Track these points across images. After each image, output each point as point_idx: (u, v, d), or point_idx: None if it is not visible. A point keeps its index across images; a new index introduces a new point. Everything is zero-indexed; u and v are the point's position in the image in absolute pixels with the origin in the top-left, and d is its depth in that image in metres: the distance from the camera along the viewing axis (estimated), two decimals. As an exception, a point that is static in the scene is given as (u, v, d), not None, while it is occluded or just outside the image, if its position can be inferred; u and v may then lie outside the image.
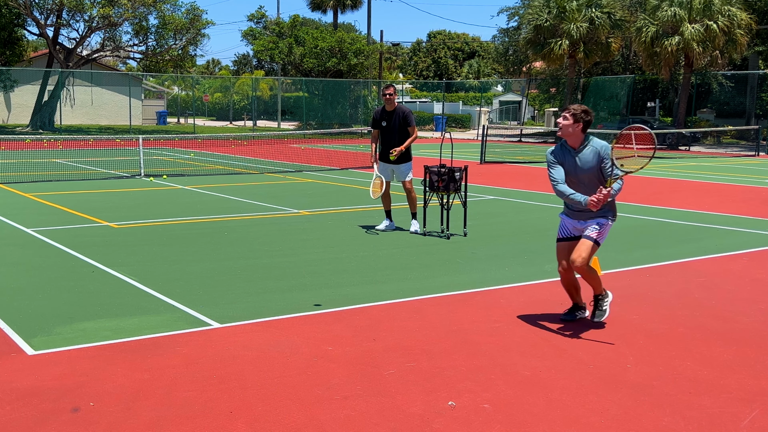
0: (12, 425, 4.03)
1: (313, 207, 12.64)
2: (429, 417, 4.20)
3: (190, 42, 39.89)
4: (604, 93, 42.38)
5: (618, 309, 6.46)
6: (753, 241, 9.94)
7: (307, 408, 4.29)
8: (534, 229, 10.74)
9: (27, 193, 13.97)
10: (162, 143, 30.09)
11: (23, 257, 8.33)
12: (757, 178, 19.69)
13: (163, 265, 8.02)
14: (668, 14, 32.84)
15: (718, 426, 4.16)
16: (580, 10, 37.52)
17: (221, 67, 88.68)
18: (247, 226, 10.68)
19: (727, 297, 6.99)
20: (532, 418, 4.22)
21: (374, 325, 5.92)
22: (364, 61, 46.23)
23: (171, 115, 62.53)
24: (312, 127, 44.08)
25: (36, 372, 4.81)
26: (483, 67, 71.56)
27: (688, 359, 5.23)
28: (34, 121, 39.00)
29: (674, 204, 13.67)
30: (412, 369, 4.95)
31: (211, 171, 19.31)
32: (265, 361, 5.05)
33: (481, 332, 5.77)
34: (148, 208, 12.52)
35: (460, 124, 53.23)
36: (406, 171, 10.09)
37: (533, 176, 18.97)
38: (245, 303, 6.50)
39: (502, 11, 65.32)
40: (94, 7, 36.77)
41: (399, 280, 7.46)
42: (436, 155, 18.47)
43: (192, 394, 4.48)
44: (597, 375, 4.90)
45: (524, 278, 7.56)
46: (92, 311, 6.16)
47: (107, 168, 19.39)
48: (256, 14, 46.89)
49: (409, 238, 9.74)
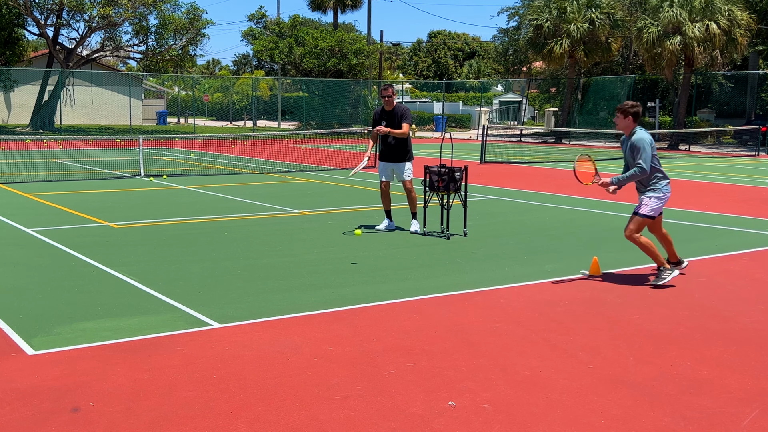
0: (12, 425, 4.03)
1: (313, 207, 12.64)
2: (429, 417, 4.20)
3: (190, 42, 39.88)
4: (605, 93, 42.37)
5: (618, 309, 6.47)
6: (753, 241, 9.94)
7: (307, 408, 4.29)
8: (534, 229, 10.74)
9: (27, 193, 13.97)
10: (162, 143, 30.09)
11: (23, 257, 8.33)
12: (757, 178, 19.68)
13: (163, 265, 8.02)
14: (669, 15, 32.84)
15: (718, 426, 4.16)
16: (580, 11, 37.52)
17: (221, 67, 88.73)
18: (247, 226, 10.68)
19: (727, 297, 6.99)
20: (532, 418, 4.22)
21: (374, 325, 5.92)
22: (364, 61, 46.22)
23: (171, 115, 62.51)
24: (312, 127, 44.06)
25: (36, 372, 4.81)
26: (483, 67, 71.57)
27: (688, 359, 5.23)
28: (34, 121, 38.99)
29: (674, 204, 13.66)
30: (412, 369, 4.95)
31: (211, 171, 19.31)
32: (265, 361, 5.05)
33: (481, 332, 5.77)
34: (148, 208, 12.52)
35: (460, 124, 53.23)
36: (406, 171, 10.10)
37: (533, 176, 18.97)
38: (245, 303, 6.50)
39: (502, 11, 65.27)
40: (94, 7, 36.76)
41: (399, 280, 7.46)
42: (436, 155, 18.47)
43: (192, 394, 4.48)
44: (597, 375, 4.90)
45: (524, 278, 7.56)
46: (92, 311, 6.17)
47: (107, 168, 19.39)
48: (256, 14, 46.92)
49: (409, 238, 9.74)
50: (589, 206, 13.20)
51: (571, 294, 6.96)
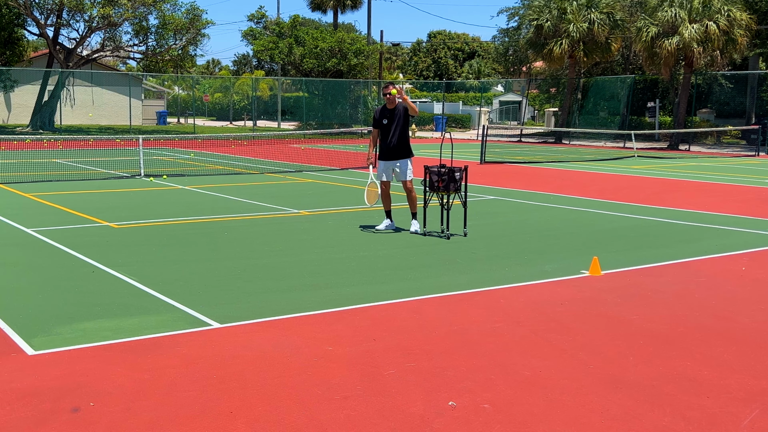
0: (12, 425, 4.03)
1: (313, 207, 12.64)
2: (429, 417, 4.20)
3: (190, 42, 39.86)
4: (605, 93, 42.37)
5: (618, 309, 6.47)
6: (753, 241, 9.94)
7: (307, 408, 4.29)
8: (534, 229, 10.74)
9: (27, 193, 13.97)
10: (162, 143, 30.08)
11: (23, 257, 8.33)
12: (757, 178, 19.68)
13: (163, 265, 8.02)
14: (668, 14, 32.85)
15: (718, 426, 4.16)
16: (580, 11, 37.53)
17: (221, 67, 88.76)
18: (247, 226, 10.68)
19: (727, 297, 6.99)
20: (532, 418, 4.22)
21: (374, 325, 5.92)
22: (364, 61, 46.20)
23: (171, 115, 62.47)
24: (312, 127, 44.05)
25: (36, 372, 4.81)
26: (483, 67, 71.56)
27: (688, 359, 5.23)
28: (34, 121, 38.99)
29: (674, 204, 13.67)
30: (412, 369, 4.95)
31: (211, 171, 19.31)
32: (265, 361, 5.05)
33: (481, 332, 5.77)
34: (148, 208, 12.52)
35: (460, 124, 53.22)
36: (406, 170, 10.11)
37: (533, 176, 18.97)
38: (245, 303, 6.50)
39: (502, 11, 65.22)
40: (94, 7, 36.75)
41: (399, 280, 7.46)
42: (436, 155, 18.47)
43: (192, 394, 4.48)
44: (597, 375, 4.90)
45: (524, 278, 7.56)
46: (92, 311, 6.16)
47: (107, 168, 19.39)
48: (256, 14, 46.88)
49: (409, 238, 9.74)
50: (589, 206, 13.20)
51: (571, 294, 6.96)
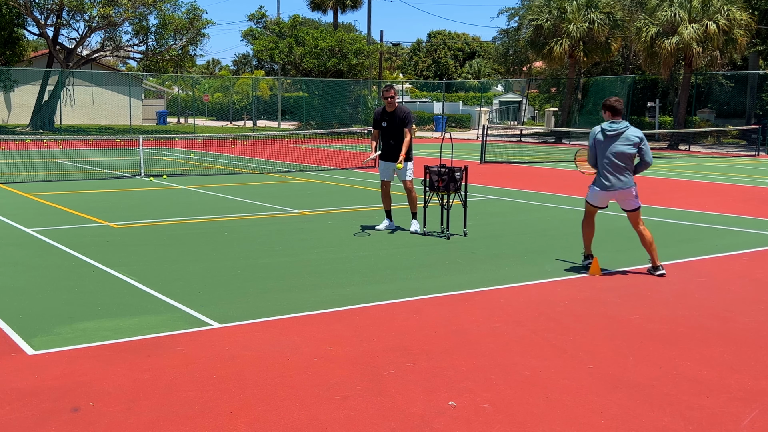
0: (12, 425, 4.03)
1: (313, 207, 12.64)
2: (429, 417, 4.20)
3: (190, 42, 39.85)
4: (604, 93, 42.31)
5: (618, 309, 6.47)
6: (753, 241, 9.94)
7: (307, 408, 4.29)
8: (534, 229, 10.74)
9: (27, 193, 13.97)
10: (162, 143, 30.09)
11: (23, 257, 8.33)
12: (757, 178, 19.68)
13: (163, 265, 8.02)
14: (668, 14, 32.84)
15: (718, 426, 4.16)
16: (580, 11, 37.53)
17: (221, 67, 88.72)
18: (247, 226, 10.68)
19: (727, 297, 6.99)
20: (532, 418, 4.22)
21: (374, 325, 5.92)
22: (364, 61, 46.20)
23: (171, 115, 62.48)
24: (312, 127, 44.04)
25: (36, 372, 4.81)
26: (483, 67, 71.54)
27: (688, 359, 5.23)
28: (34, 121, 38.98)
29: (674, 204, 13.67)
30: (412, 369, 4.95)
31: (211, 171, 19.31)
32: (265, 361, 5.05)
33: (481, 332, 5.77)
34: (148, 208, 12.52)
35: (460, 124, 53.22)
36: (406, 170, 10.11)
37: (533, 176, 18.97)
38: (245, 303, 6.50)
39: (502, 12, 65.15)
40: (94, 7, 36.74)
41: (399, 280, 7.46)
42: (436, 155, 18.47)
43: (192, 394, 4.48)
44: (597, 375, 4.90)
45: (524, 278, 7.56)
46: (92, 311, 6.16)
47: (107, 168, 19.38)
48: (256, 14, 46.86)
49: (409, 238, 9.74)
50: (589, 206, 13.18)
51: (571, 294, 6.96)
